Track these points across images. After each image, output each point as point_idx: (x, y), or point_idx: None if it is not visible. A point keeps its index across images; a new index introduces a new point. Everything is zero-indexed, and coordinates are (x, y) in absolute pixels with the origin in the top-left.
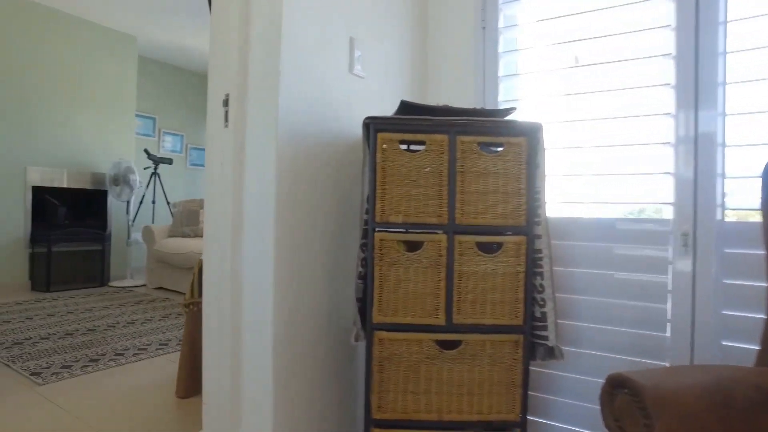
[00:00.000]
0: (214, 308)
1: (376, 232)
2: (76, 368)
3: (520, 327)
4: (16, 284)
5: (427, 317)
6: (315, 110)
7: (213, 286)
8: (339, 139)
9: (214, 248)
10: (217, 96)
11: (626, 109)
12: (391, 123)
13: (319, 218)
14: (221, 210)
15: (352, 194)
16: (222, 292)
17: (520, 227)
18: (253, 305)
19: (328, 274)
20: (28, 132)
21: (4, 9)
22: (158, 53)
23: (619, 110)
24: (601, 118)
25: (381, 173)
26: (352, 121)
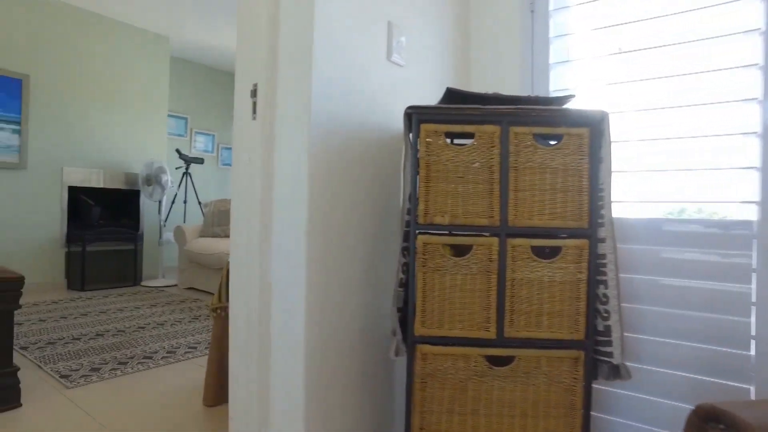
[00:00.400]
0: (241, 316)
1: (418, 235)
2: (105, 371)
3: (581, 342)
4: (52, 283)
5: (476, 330)
6: (350, 101)
7: (240, 292)
8: (376, 132)
9: (241, 251)
10: (245, 86)
11: (700, 96)
12: (436, 113)
13: (355, 219)
14: (248, 209)
15: (391, 193)
16: (249, 298)
17: (582, 229)
18: (283, 313)
19: (365, 281)
20: (65, 132)
21: (42, 13)
22: (190, 53)
23: (691, 97)
24: (669, 106)
25: (424, 169)
26: (391, 112)
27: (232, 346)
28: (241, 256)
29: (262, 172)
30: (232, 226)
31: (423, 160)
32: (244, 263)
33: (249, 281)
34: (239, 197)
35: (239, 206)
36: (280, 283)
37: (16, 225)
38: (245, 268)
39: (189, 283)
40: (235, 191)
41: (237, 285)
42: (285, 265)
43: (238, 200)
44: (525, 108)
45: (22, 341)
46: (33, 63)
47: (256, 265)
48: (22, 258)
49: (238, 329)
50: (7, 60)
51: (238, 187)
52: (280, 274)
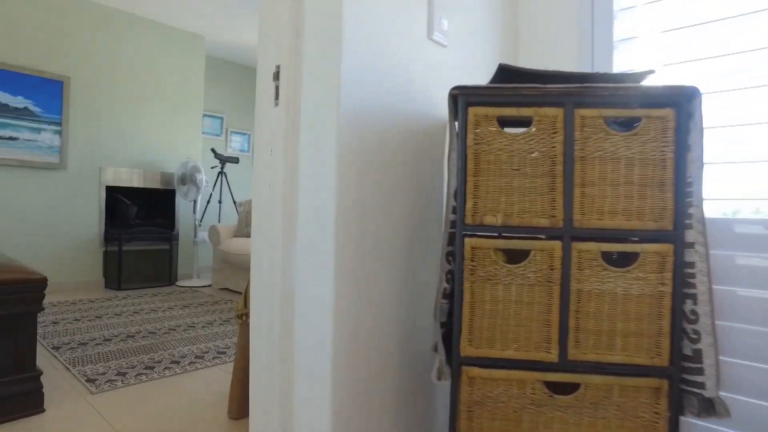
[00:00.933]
0: (261, 327)
1: (466, 238)
2: (131, 376)
3: (664, 369)
4: (91, 282)
5: (534, 351)
6: (385, 84)
7: (260, 301)
8: (415, 120)
9: (261, 255)
10: (266, 68)
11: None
12: (487, 94)
13: (390, 219)
14: (270, 207)
15: (433, 189)
16: (270, 308)
17: (665, 232)
18: (307, 326)
19: (401, 290)
20: (103, 133)
21: (82, 16)
22: (225, 52)
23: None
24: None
25: (473, 160)
26: (432, 97)
27: (252, 361)
28: (261, 261)
29: (284, 165)
30: (252, 227)
31: (471, 150)
32: (264, 269)
33: (270, 289)
34: (260, 194)
35: (260, 205)
36: (305, 291)
37: (57, 224)
38: (265, 275)
39: (223, 283)
40: (256, 187)
41: (257, 293)
42: (310, 271)
43: (258, 197)
44: (594, 86)
45: (56, 341)
46: (73, 65)
47: (278, 271)
48: (61, 257)
49: (258, 344)
50: (49, 63)
51: (259, 183)
52: (305, 282)
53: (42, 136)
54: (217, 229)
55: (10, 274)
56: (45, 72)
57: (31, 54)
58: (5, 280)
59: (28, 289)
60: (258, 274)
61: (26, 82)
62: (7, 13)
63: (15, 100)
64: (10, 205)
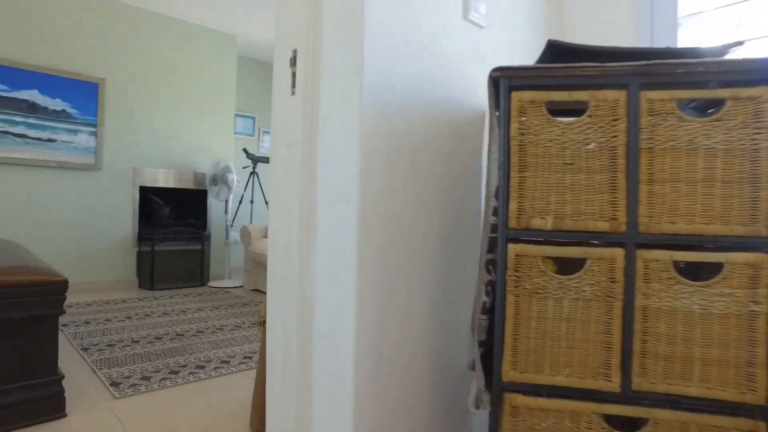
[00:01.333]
0: (277, 339)
1: (509, 244)
2: (155, 381)
3: (761, 408)
4: (124, 281)
5: (591, 378)
6: (415, 69)
7: (276, 310)
8: (450, 107)
9: (278, 259)
10: (282, 54)
11: None
12: (535, 75)
13: (420, 221)
14: (286, 206)
15: (469, 186)
16: (287, 317)
17: (758, 238)
18: (326, 339)
19: (432, 301)
20: (137, 133)
21: (116, 18)
22: (257, 52)
23: None
24: None
25: (518, 154)
26: (468, 82)
27: (269, 374)
28: (277, 265)
29: (302, 160)
30: (269, 227)
31: (515, 142)
32: (280, 274)
33: (286, 296)
34: (277, 192)
35: (277, 203)
36: (324, 300)
37: (92, 224)
38: (282, 280)
39: (254, 284)
40: (273, 184)
41: (273, 301)
42: (330, 278)
43: (276, 196)
44: (667, 63)
45: (86, 341)
46: (108, 67)
47: (295, 277)
48: (96, 256)
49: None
50: (85, 65)
51: (276, 179)
52: (325, 290)
53: (78, 138)
54: (248, 229)
55: (31, 276)
56: (81, 75)
57: (68, 57)
58: (25, 282)
59: (48, 292)
60: (273, 280)
61: (64, 84)
62: (45, 18)
63: (54, 103)
64: (49, 205)
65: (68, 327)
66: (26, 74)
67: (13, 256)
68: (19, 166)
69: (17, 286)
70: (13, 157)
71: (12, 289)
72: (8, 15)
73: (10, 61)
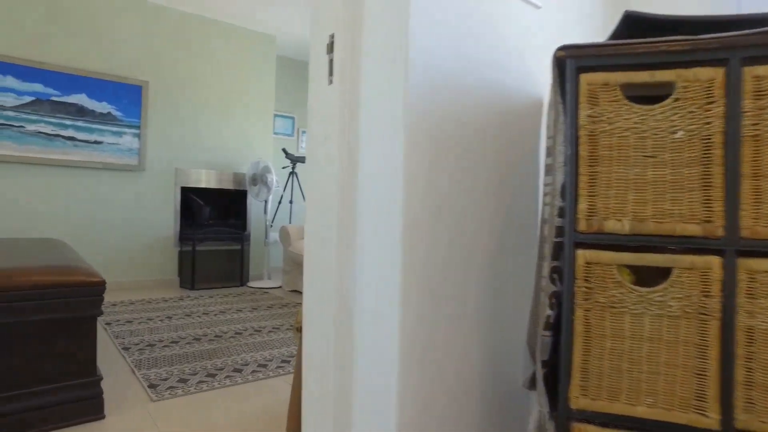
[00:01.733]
0: (314, 345)
1: (578, 250)
2: (192, 383)
3: None
4: (166, 281)
5: (680, 410)
6: (466, 52)
7: (314, 318)
8: (502, 96)
9: (315, 262)
10: (319, 40)
11: None
12: (609, 54)
13: (470, 222)
14: (324, 204)
15: (524, 183)
16: (325, 324)
17: None
18: (367, 347)
19: (483, 310)
20: (178, 135)
21: (158, 21)
22: (296, 51)
23: None
24: None
25: (589, 145)
26: (522, 67)
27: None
28: (314, 269)
29: (341, 155)
30: (306, 227)
31: (585, 132)
32: (317, 278)
33: (323, 301)
34: (314, 189)
35: (313, 201)
36: (365, 305)
37: (135, 224)
38: (319, 284)
39: (293, 285)
40: (310, 180)
41: (310, 306)
42: (372, 282)
43: (312, 193)
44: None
45: (127, 341)
46: (151, 69)
47: (333, 281)
48: (139, 255)
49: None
50: (129, 68)
51: (313, 176)
52: (366, 294)
53: (123, 140)
54: (287, 229)
55: (68, 276)
56: (126, 78)
57: (114, 61)
58: (62, 282)
59: (86, 293)
60: (311, 284)
61: (109, 88)
62: (91, 23)
63: (100, 106)
64: (94, 205)
65: (111, 326)
66: (76, 79)
67: (56, 256)
68: (68, 168)
69: (54, 286)
70: (64, 158)
71: (49, 289)
72: (61, 23)
73: (62, 66)
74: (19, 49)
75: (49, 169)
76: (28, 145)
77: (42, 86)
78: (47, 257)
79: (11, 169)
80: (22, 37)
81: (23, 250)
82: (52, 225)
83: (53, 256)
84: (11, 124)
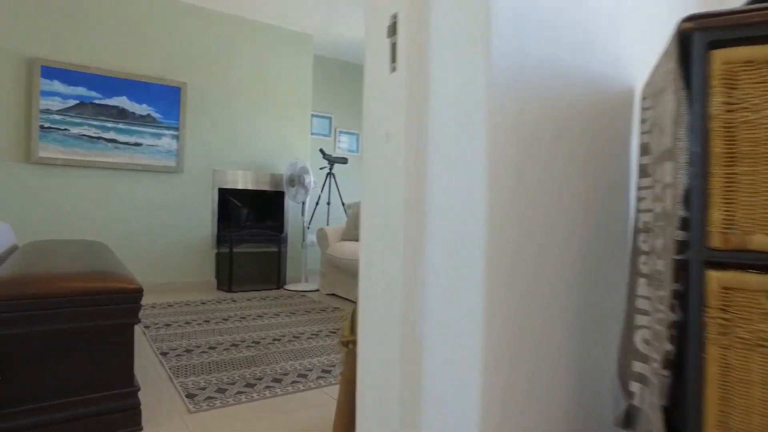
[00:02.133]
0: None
1: (710, 270)
2: (230, 394)
3: None
4: (204, 283)
5: None
6: (552, 33)
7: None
8: (591, 84)
9: (374, 274)
10: (378, 21)
11: None
12: (755, 21)
13: (556, 232)
14: (386, 211)
15: (615, 185)
16: (386, 355)
17: None
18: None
19: (570, 334)
20: (215, 136)
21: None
22: (334, 50)
23: None
24: None
25: (725, 140)
26: (612, 50)
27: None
28: (373, 283)
29: (407, 155)
30: (361, 237)
31: (720, 122)
32: (377, 293)
33: (386, 331)
34: (372, 194)
35: (372, 208)
36: (436, 337)
37: (174, 226)
38: (379, 303)
39: (330, 288)
40: (367, 186)
41: (367, 328)
42: (447, 304)
43: (370, 199)
44: None
45: (165, 345)
46: (189, 71)
47: (397, 300)
48: (178, 257)
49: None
50: (168, 70)
51: (371, 181)
52: (438, 323)
53: (162, 141)
54: (325, 231)
55: (105, 283)
56: (165, 80)
57: (154, 63)
58: (99, 289)
59: (123, 300)
60: (369, 300)
61: (149, 90)
62: (130, 25)
63: (140, 108)
64: (134, 207)
65: (150, 329)
66: (117, 81)
67: (94, 260)
68: (109, 170)
69: (90, 293)
70: (105, 161)
71: (84, 296)
72: (102, 27)
73: (104, 69)
74: (65, 53)
75: (91, 171)
76: (72, 147)
77: (85, 89)
78: (86, 261)
79: (56, 171)
80: (67, 42)
81: (63, 252)
82: (93, 227)
83: (92, 260)
84: (57, 127)
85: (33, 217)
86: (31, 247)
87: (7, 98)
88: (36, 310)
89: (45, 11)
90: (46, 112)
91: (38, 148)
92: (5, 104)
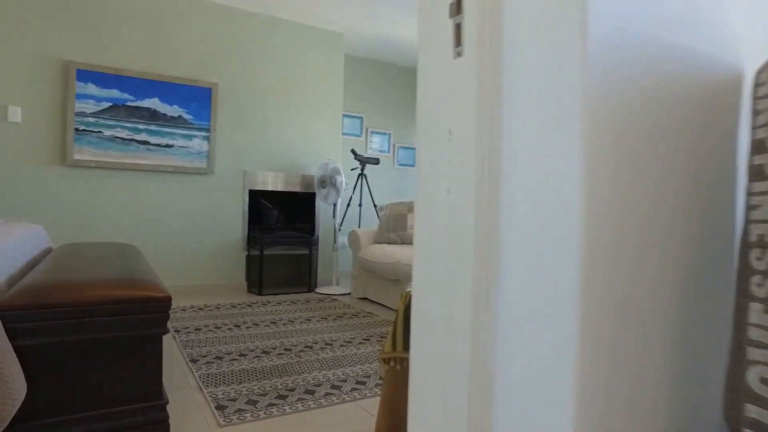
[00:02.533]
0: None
1: None
2: (261, 406)
3: None
4: (234, 285)
5: None
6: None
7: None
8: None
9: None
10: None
11: None
12: None
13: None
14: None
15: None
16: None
17: None
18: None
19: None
20: (246, 136)
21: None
22: (365, 49)
23: None
24: None
25: None
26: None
27: None
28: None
29: (477, 153)
30: (415, 253)
31: None
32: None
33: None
34: (430, 202)
35: (429, 219)
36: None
37: (204, 227)
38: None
39: (362, 292)
40: (423, 191)
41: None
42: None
43: (427, 208)
44: None
45: (195, 352)
46: (219, 71)
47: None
48: (208, 259)
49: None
50: (199, 71)
51: (428, 184)
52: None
53: (193, 143)
54: (357, 234)
55: (133, 291)
56: (196, 81)
57: (185, 64)
58: (126, 298)
59: (151, 309)
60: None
61: (179, 91)
62: (160, 27)
63: (171, 110)
64: (165, 208)
65: (180, 333)
66: (149, 83)
67: (123, 264)
68: (142, 172)
69: (116, 302)
70: (137, 163)
71: (110, 305)
72: (133, 29)
73: (136, 72)
74: (99, 56)
75: (123, 173)
76: (105, 150)
77: (118, 92)
78: (115, 267)
79: (89, 173)
80: (100, 45)
81: (94, 257)
82: (125, 228)
83: (121, 265)
84: (91, 129)
85: (66, 219)
86: (64, 251)
87: (44, 102)
88: (62, 320)
89: (79, 15)
90: (81, 114)
91: (73, 151)
92: (43, 108)
